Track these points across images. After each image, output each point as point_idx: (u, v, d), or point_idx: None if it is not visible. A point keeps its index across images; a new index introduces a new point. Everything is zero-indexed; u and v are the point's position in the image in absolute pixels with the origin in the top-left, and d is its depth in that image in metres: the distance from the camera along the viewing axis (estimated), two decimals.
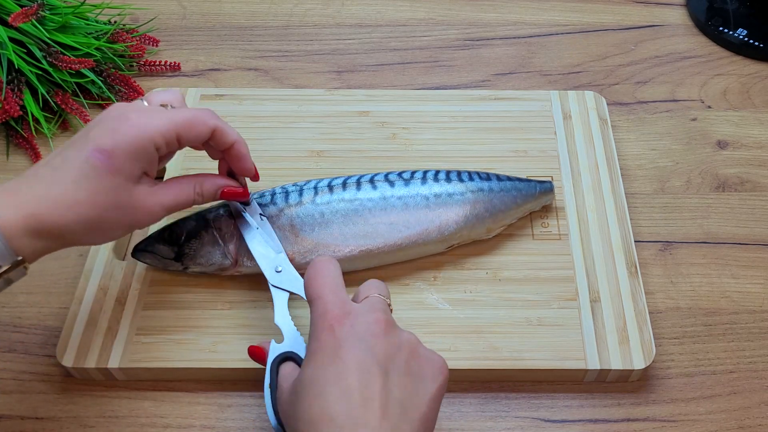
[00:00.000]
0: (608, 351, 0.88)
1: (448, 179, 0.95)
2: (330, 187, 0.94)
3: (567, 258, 0.96)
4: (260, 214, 0.90)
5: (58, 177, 0.73)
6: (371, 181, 0.95)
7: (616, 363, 0.87)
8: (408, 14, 1.32)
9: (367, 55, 1.26)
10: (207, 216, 0.93)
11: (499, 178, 0.98)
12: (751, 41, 1.24)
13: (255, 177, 0.89)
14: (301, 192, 0.94)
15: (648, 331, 0.89)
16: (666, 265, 0.99)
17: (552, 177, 1.03)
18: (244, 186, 0.88)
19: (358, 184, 0.95)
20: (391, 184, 0.95)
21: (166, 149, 0.78)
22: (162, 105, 0.82)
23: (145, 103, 0.82)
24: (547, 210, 1.01)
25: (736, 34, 1.25)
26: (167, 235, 0.93)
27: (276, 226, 0.91)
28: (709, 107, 1.17)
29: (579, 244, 0.97)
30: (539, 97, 1.14)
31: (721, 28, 1.26)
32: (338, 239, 0.91)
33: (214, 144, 0.83)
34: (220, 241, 0.91)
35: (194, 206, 0.85)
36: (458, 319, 0.91)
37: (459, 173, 0.97)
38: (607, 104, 1.13)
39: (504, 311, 0.91)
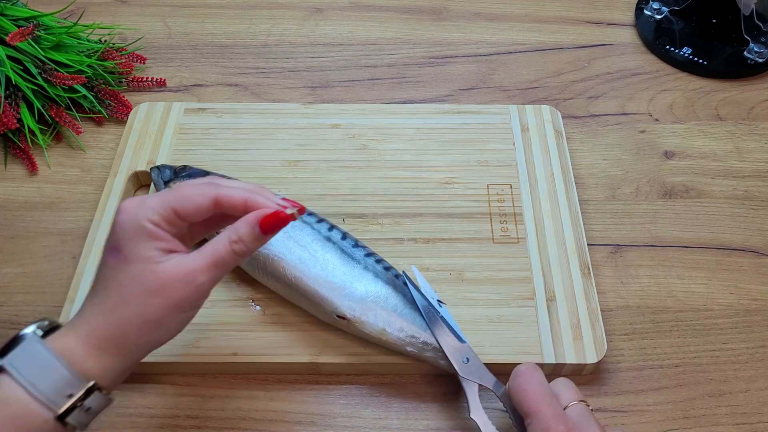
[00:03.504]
0: (563, 346, 0.88)
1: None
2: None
3: (525, 260, 0.96)
4: (438, 300, 0.88)
5: (96, 291, 0.70)
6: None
7: (570, 357, 0.87)
8: (377, 34, 1.32)
9: (339, 72, 1.25)
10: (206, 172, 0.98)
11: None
12: (696, 59, 1.24)
13: (302, 210, 0.74)
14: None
15: (600, 328, 0.89)
16: (617, 266, 0.99)
17: (511, 185, 1.04)
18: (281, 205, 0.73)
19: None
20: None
21: (168, 226, 0.70)
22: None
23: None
24: (506, 216, 1.01)
25: (681, 53, 1.25)
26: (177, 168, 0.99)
27: None
28: (657, 120, 1.17)
29: (536, 247, 0.97)
30: (499, 111, 1.14)
31: (667, 47, 1.26)
32: (285, 260, 0.88)
33: (228, 211, 0.72)
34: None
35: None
36: None
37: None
38: (562, 117, 1.14)
39: (466, 310, 0.91)
